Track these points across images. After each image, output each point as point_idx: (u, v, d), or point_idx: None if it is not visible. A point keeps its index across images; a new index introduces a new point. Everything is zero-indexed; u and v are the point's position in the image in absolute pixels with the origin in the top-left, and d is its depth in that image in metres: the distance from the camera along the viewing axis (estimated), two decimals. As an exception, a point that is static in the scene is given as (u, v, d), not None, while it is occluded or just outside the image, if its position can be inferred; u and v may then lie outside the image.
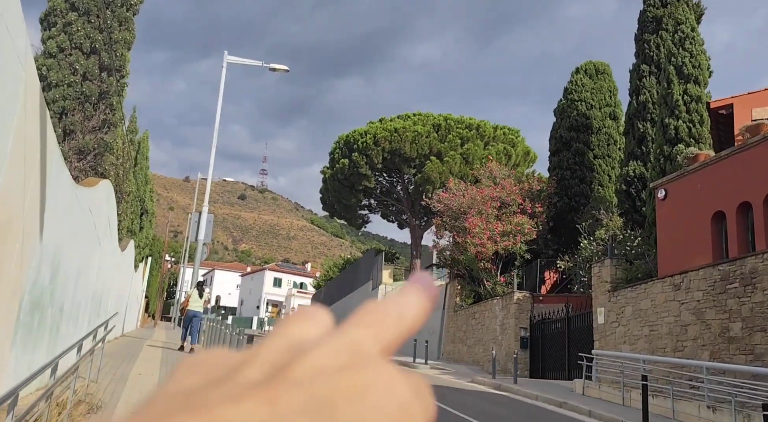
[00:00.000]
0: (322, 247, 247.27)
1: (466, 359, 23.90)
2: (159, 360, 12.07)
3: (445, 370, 20.25)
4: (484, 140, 35.50)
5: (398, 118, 37.39)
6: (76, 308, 9.04)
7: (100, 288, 11.72)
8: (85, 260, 9.04)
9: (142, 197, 24.01)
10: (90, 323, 10.53)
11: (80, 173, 11.21)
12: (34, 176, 5.22)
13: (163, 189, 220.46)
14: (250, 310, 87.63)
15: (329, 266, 54.31)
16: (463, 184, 25.86)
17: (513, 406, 12.08)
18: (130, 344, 16.53)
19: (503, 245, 22.82)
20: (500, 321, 22.21)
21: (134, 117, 20.72)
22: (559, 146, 25.69)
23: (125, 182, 15.93)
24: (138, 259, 24.54)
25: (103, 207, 10.15)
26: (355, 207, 40.11)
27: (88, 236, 8.90)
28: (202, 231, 19.30)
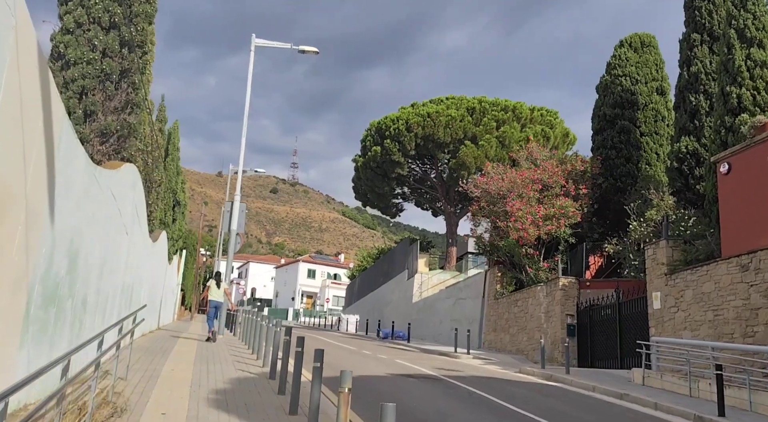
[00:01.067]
0: (353, 238, 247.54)
1: (509, 348, 23.01)
2: (193, 355, 11.52)
3: (488, 360, 19.40)
4: (520, 122, 34.32)
5: (431, 102, 36.42)
6: (103, 301, 8.47)
7: (130, 280, 11.19)
8: (110, 249, 8.45)
9: (174, 188, 23.64)
10: (120, 317, 9.98)
11: (103, 157, 10.67)
12: (36, 149, 4.54)
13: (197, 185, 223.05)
14: (286, 302, 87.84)
15: (363, 257, 53.71)
16: (501, 167, 24.85)
17: (568, 398, 11.20)
18: (164, 338, 16.09)
19: (546, 229, 21.79)
20: (545, 308, 21.24)
21: (163, 106, 20.28)
22: (602, 125, 24.43)
23: (155, 170, 15.44)
24: (172, 251, 24.22)
25: (129, 193, 9.56)
26: (389, 196, 39.33)
27: (112, 223, 8.30)
28: (235, 221, 18.78)
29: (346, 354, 17.35)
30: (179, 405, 6.64)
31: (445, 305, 30.15)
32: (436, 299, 31.68)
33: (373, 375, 11.87)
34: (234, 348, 14.42)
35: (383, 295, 41.30)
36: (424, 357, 18.56)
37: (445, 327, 29.55)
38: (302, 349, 7.10)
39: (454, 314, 28.83)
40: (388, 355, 17.87)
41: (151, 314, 17.78)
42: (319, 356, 6.01)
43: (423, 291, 34.53)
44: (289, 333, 8.24)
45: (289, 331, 8.23)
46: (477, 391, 10.78)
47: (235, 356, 12.09)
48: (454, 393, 10.51)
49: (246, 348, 14.30)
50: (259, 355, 11.48)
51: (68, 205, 5.78)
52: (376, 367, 13.65)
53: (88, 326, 7.53)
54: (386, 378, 11.64)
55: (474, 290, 27.20)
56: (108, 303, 8.83)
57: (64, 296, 6.09)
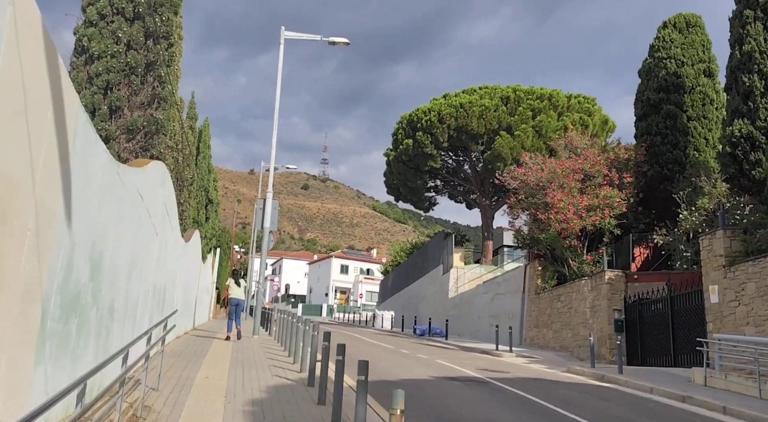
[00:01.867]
0: (385, 233, 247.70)
1: (553, 344, 22.17)
2: (228, 358, 11.07)
3: (532, 358, 18.63)
4: (557, 110, 33.27)
5: (463, 92, 35.57)
6: (133, 306, 8.02)
7: (162, 282, 10.77)
8: (139, 251, 7.99)
9: (206, 186, 23.36)
10: (152, 321, 9.56)
11: (130, 154, 10.25)
12: (45, 142, 4.02)
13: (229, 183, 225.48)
14: (319, 297, 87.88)
15: (396, 252, 53.09)
16: (540, 157, 23.95)
17: (626, 402, 10.43)
18: (199, 339, 15.74)
19: (590, 220, 20.87)
20: (590, 302, 20.35)
21: (193, 103, 19.94)
22: (646, 110, 23.32)
23: (186, 168, 15.06)
24: (205, 250, 23.97)
25: (158, 192, 9.10)
26: (422, 189, 38.65)
27: (140, 223, 7.84)
28: (268, 218, 18.35)
29: (384, 353, 16.79)
30: (213, 419, 6.13)
31: (483, 301, 29.38)
32: (473, 294, 30.92)
33: (416, 379, 11.27)
34: (270, 349, 13.97)
35: (418, 290, 40.67)
36: (464, 356, 17.89)
37: (484, 323, 28.80)
38: (343, 357, 6.52)
39: (493, 310, 28.05)
40: (427, 354, 17.25)
41: (186, 316, 17.48)
42: (364, 368, 5.42)
43: (459, 286, 33.79)
44: (327, 338, 7.67)
45: (328, 336, 7.66)
46: (528, 395, 10.09)
47: (271, 359, 11.61)
48: (504, 398, 9.84)
49: (282, 350, 13.83)
50: (296, 358, 10.97)
51: (88, 205, 5.28)
52: (417, 369, 13.05)
53: (117, 334, 7.07)
54: (430, 382, 11.02)
55: (513, 285, 26.38)
56: (138, 309, 8.38)
57: (88, 304, 5.61)
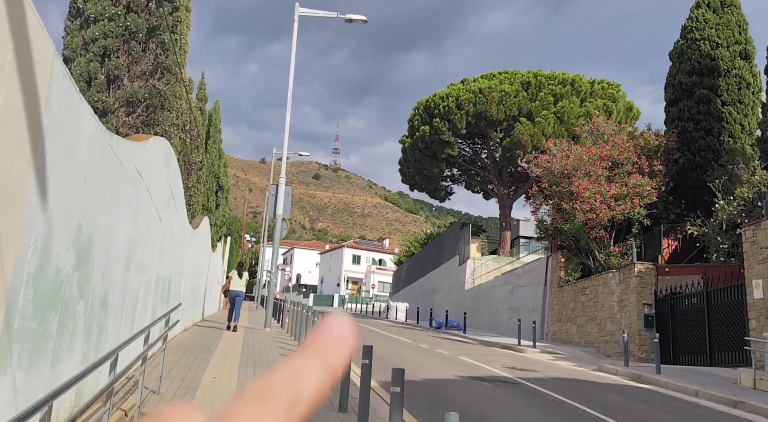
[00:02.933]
0: (396, 223, 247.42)
1: (576, 339, 21.21)
2: (238, 354, 10.23)
3: (557, 354, 17.71)
4: (580, 96, 32.08)
5: (482, 78, 34.44)
6: (132, 298, 7.17)
7: (166, 271, 9.94)
8: (139, 236, 7.14)
9: (216, 172, 22.52)
10: (155, 315, 8.74)
11: (130, 129, 9.37)
12: (2, 95, 3.12)
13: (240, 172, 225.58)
14: (331, 287, 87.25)
15: (410, 242, 52.18)
16: (565, 143, 22.89)
17: (673, 407, 9.49)
18: (207, 332, 14.95)
19: (619, 209, 19.83)
20: (618, 296, 19.36)
21: (203, 84, 19.06)
22: (678, 94, 22.19)
23: (194, 151, 14.22)
24: (215, 238, 23.17)
25: (161, 172, 8.24)
26: (438, 178, 37.63)
27: (140, 206, 6.98)
28: (281, 205, 17.49)
29: (402, 348, 15.93)
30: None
31: (501, 293, 28.44)
32: (490, 286, 29.98)
33: (442, 379, 10.38)
34: (282, 343, 13.14)
35: (432, 281, 39.78)
36: (487, 352, 17.00)
37: (502, 316, 27.87)
38: (370, 361, 5.63)
39: (512, 303, 27.11)
40: (448, 350, 16.37)
41: (195, 306, 16.71)
42: (399, 378, 4.54)
43: (476, 278, 32.85)
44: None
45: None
46: (566, 399, 9.18)
47: (284, 356, 10.76)
48: (541, 402, 8.93)
49: (296, 344, 13.00)
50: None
51: (71, 180, 4.40)
52: (440, 367, 12.17)
53: (113, 330, 6.23)
54: (457, 383, 10.13)
55: (534, 277, 25.42)
56: (139, 301, 7.54)
57: (73, 298, 4.75)
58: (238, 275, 16.23)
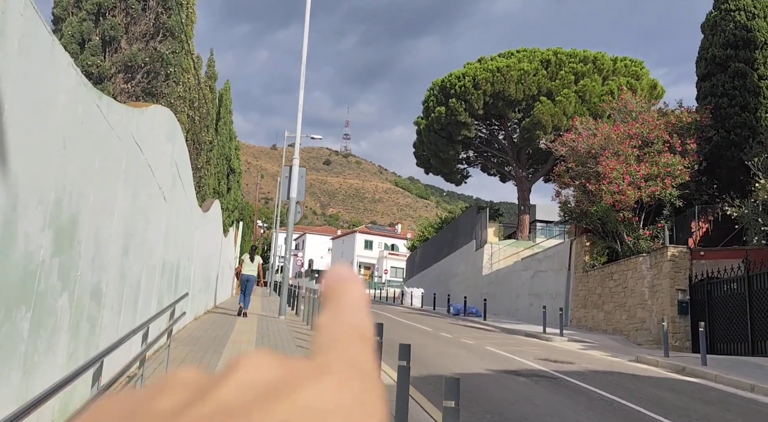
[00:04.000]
0: (407, 208, 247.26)
1: (603, 327, 20.29)
2: (253, 347, 9.43)
3: (586, 343, 16.83)
4: (602, 74, 30.88)
5: (499, 56, 33.25)
6: (133, 289, 6.35)
7: (174, 257, 9.12)
8: (139, 218, 6.30)
9: (228, 154, 21.67)
10: (161, 305, 7.92)
11: (129, 98, 8.49)
12: None
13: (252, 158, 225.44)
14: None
15: (424, 227, 51.29)
16: (592, 121, 21.81)
17: (735, 406, 8.59)
18: (220, 320, 14.18)
19: (649, 191, 18.79)
20: (649, 281, 18.40)
21: (212, 61, 18.15)
22: (711, 69, 21.00)
23: (203, 130, 13.36)
24: (227, 223, 22.39)
25: (165, 147, 7.38)
26: (454, 160, 36.61)
27: (139, 183, 6.12)
28: (294, 187, 16.64)
29: (424, 337, 15.10)
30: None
31: (522, 279, 27.53)
32: (510, 271, 29.06)
33: (474, 373, 9.53)
34: (299, 333, 12.34)
35: (448, 267, 38.92)
36: (512, 341, 16.14)
37: (523, 302, 26.99)
38: (408, 363, 4.77)
39: (533, 288, 26.20)
40: (472, 339, 15.53)
41: (206, 293, 15.96)
42: (453, 389, 3.64)
43: (494, 263, 31.93)
44: (378, 331, 5.94)
45: (379, 329, 5.93)
46: (614, 398, 8.29)
47: (301, 348, 9.95)
48: (587, 401, 8.05)
49: (311, 333, 12.20)
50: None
51: (43, 143, 3.52)
52: (468, 359, 11.32)
53: (109, 324, 5.40)
54: (491, 378, 9.27)
55: (557, 262, 24.47)
56: (141, 290, 6.71)
57: (52, 289, 3.90)
58: (250, 259, 16.09)
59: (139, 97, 8.66)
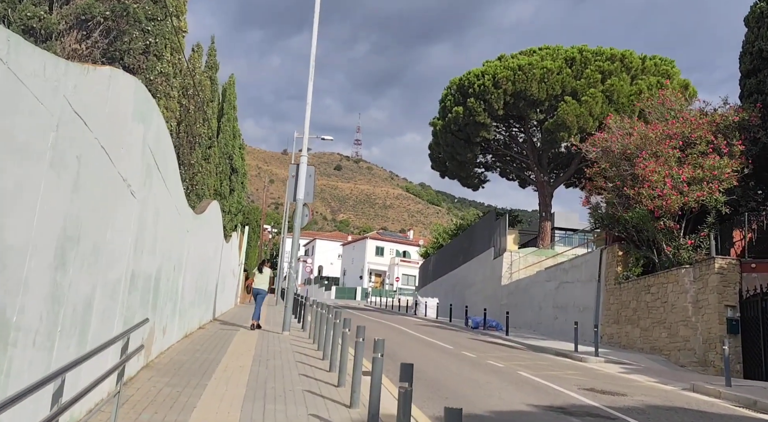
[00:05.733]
0: (418, 215, 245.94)
1: (640, 345, 18.50)
2: (246, 377, 7.76)
3: (626, 365, 15.06)
4: (630, 73, 29.14)
5: (521, 54, 31.60)
6: (79, 311, 4.75)
7: (151, 266, 7.52)
8: (86, 215, 4.70)
9: (230, 153, 20.14)
10: (130, 325, 6.31)
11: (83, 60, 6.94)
12: None
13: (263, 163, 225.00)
14: (353, 280, 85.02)
15: (438, 233, 49.55)
16: (627, 120, 20.09)
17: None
18: (215, 337, 12.57)
19: (695, 196, 17.02)
20: (692, 296, 16.62)
21: (213, 49, 16.64)
22: (757, 64, 19.21)
23: (197, 121, 11.81)
24: (229, 227, 20.83)
25: (132, 128, 5.78)
26: (471, 163, 34.92)
27: (84, 167, 4.52)
28: (302, 188, 15.03)
29: (446, 358, 13.40)
30: None
31: (545, 290, 25.75)
32: (532, 282, 27.29)
33: (514, 411, 7.83)
34: (303, 356, 10.70)
35: (464, 276, 37.17)
36: (545, 363, 14.40)
37: (546, 315, 25.21)
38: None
39: (558, 301, 24.43)
40: (500, 359, 13.81)
41: (202, 306, 14.36)
42: None
43: (513, 272, 30.17)
44: (409, 374, 4.29)
45: (410, 372, 4.29)
46: (696, 449, 6.58)
47: (305, 375, 8.31)
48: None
49: (318, 356, 10.55)
50: (342, 379, 7.64)
51: None
52: (502, 388, 9.62)
53: (28, 367, 3.78)
54: (536, 418, 7.57)
55: (585, 273, 22.69)
56: (93, 313, 5.10)
57: None
58: (259, 271, 15.97)
59: (98, 61, 7.06)
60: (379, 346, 5.39)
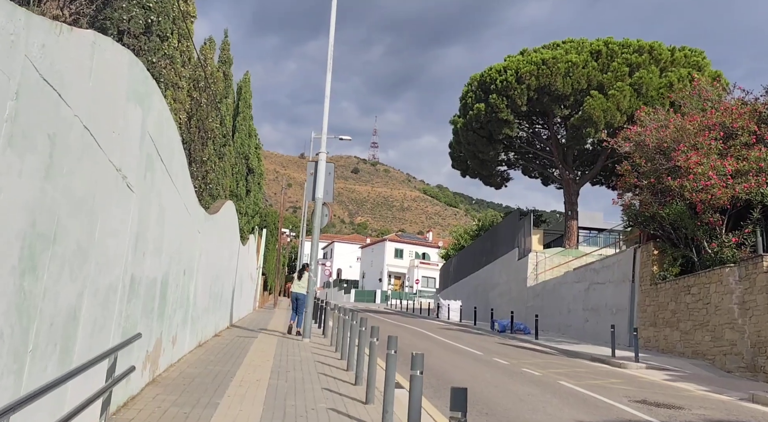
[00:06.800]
0: (436, 217, 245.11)
1: (680, 349, 17.41)
2: (263, 393, 6.94)
3: (670, 371, 14.04)
4: (659, 65, 27.98)
5: (543, 48, 30.59)
6: (58, 325, 3.95)
7: (156, 270, 6.74)
8: (68, 211, 3.90)
9: (246, 152, 19.41)
10: (125, 336, 5.53)
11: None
12: None
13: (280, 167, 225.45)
14: (373, 283, 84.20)
15: (459, 234, 48.55)
16: (662, 112, 19.02)
17: None
18: (231, 345, 11.78)
19: (741, 188, 15.94)
20: (738, 297, 15.52)
21: (226, 43, 15.93)
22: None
23: (209, 115, 11.07)
24: (246, 229, 20.10)
25: (126, 110, 4.99)
26: (494, 162, 33.92)
27: (64, 153, 3.72)
28: (321, 187, 14.23)
29: (477, 366, 12.49)
30: None
31: (574, 291, 24.70)
32: (559, 283, 26.24)
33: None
34: (326, 367, 9.86)
35: (487, 277, 36.14)
36: (583, 370, 13.42)
37: (576, 318, 24.15)
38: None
39: (589, 302, 23.36)
40: (535, 367, 12.86)
41: (217, 312, 13.60)
42: None
43: (539, 273, 29.13)
44: (463, 400, 3.43)
45: (463, 398, 3.42)
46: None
47: (328, 390, 7.47)
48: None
49: (342, 366, 9.71)
50: (369, 393, 6.77)
51: None
52: (546, 403, 8.70)
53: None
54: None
55: (617, 273, 21.61)
56: (80, 327, 4.30)
57: None
58: (298, 278, 16.22)
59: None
60: (418, 362, 4.53)
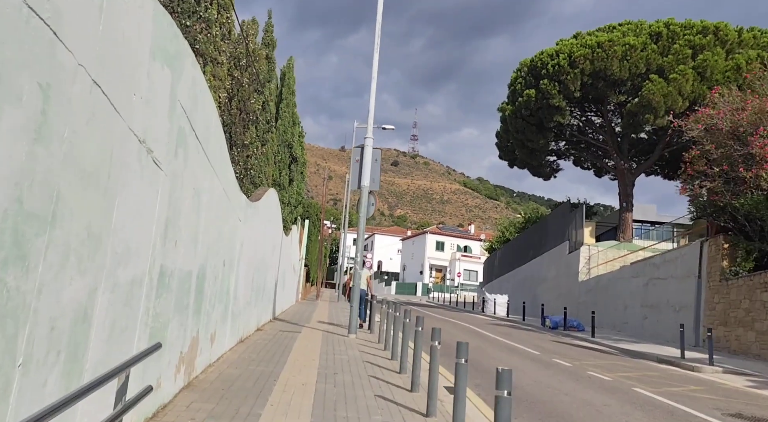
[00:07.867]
0: (476, 210, 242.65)
1: (755, 350, 16.02)
2: (311, 398, 6.15)
3: (751, 376, 12.74)
4: (725, 46, 26.17)
5: (598, 31, 29.09)
6: (63, 329, 3.17)
7: (191, 262, 5.98)
8: (78, 190, 3.10)
9: (290, 141, 18.72)
10: (157, 339, 4.78)
11: None
12: None
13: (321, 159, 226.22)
14: (413, 275, 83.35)
15: (504, 226, 47.23)
16: (738, 92, 17.54)
17: None
18: (272, 343, 11.06)
19: (829, 177, 14.46)
20: (825, 297, 14.07)
21: (270, 25, 15.19)
22: None
23: (251, 95, 10.33)
24: (289, 219, 19.45)
25: (151, 69, 4.20)
26: (544, 151, 32.55)
27: (67, 111, 2.91)
28: (367, 174, 13.39)
29: (538, 368, 11.48)
30: None
31: (631, 287, 23.31)
32: (615, 278, 24.86)
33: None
34: (376, 368, 9.02)
35: (535, 271, 34.84)
36: (654, 373, 12.25)
37: (633, 315, 22.79)
38: None
39: (648, 299, 21.98)
40: (601, 370, 11.77)
41: (260, 305, 12.92)
42: None
43: (591, 267, 27.76)
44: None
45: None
46: None
47: (382, 397, 6.61)
48: None
49: (392, 368, 8.87)
50: (430, 405, 5.88)
51: None
52: (627, 415, 7.68)
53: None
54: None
55: (680, 268, 20.19)
56: (93, 330, 3.54)
57: None
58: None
59: None
60: (505, 380, 3.61)
